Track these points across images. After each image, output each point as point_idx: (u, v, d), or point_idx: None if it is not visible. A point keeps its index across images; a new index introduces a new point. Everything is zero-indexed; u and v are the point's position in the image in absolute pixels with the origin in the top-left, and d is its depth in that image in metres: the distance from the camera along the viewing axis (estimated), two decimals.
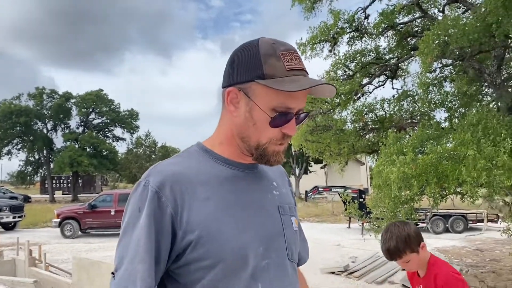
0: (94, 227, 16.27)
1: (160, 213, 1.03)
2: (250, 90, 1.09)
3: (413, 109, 7.95)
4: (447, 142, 5.52)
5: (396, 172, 4.73)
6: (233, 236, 1.06)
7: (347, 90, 7.72)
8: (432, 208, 5.39)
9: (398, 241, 2.36)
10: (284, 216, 1.20)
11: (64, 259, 10.70)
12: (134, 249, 1.01)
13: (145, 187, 1.05)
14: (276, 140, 1.11)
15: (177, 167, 1.10)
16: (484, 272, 9.52)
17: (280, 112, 1.07)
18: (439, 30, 5.64)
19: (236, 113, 1.12)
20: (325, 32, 7.78)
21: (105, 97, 40.53)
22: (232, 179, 1.13)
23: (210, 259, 1.03)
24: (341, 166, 10.13)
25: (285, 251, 1.16)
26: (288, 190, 1.32)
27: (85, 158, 35.63)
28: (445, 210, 16.20)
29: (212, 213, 1.05)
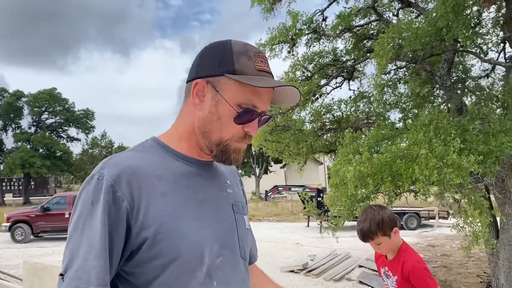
0: (47, 231, 15.68)
1: (115, 208, 0.98)
2: (218, 84, 1.09)
3: (369, 110, 8.16)
4: (401, 141, 5.69)
5: (352, 171, 4.84)
6: (190, 233, 1.04)
7: (305, 91, 7.82)
8: (387, 205, 5.55)
9: (372, 223, 2.50)
10: (238, 214, 1.20)
11: (15, 265, 10.26)
12: (87, 245, 0.96)
13: (99, 181, 1.00)
14: (238, 138, 1.11)
15: (133, 161, 1.06)
16: (436, 266, 9.93)
17: (245, 108, 1.08)
18: (393, 33, 5.81)
19: (200, 106, 1.11)
20: (284, 33, 7.85)
21: (58, 96, 39.15)
22: (189, 175, 1.12)
23: (166, 256, 1.01)
24: (300, 165, 10.24)
25: (238, 249, 1.17)
26: (239, 189, 1.33)
27: (38, 159, 34.30)
28: (400, 208, 16.73)
29: (169, 209, 1.03)
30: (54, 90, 39.04)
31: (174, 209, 1.04)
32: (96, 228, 0.96)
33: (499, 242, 6.33)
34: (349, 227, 16.65)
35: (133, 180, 1.02)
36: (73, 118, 39.89)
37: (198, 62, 1.13)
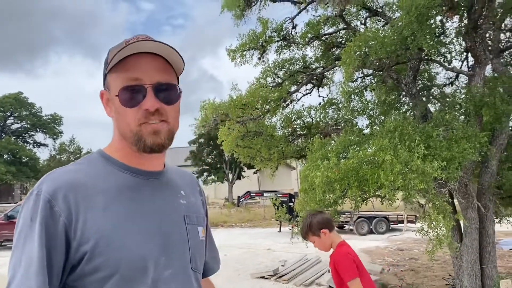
0: (11, 240, 15.15)
1: (53, 223, 0.98)
2: (107, 84, 1.11)
3: (338, 116, 8.29)
4: (368, 147, 5.80)
5: (320, 176, 4.90)
6: (131, 246, 1.03)
7: (276, 97, 7.88)
8: (354, 210, 5.64)
9: (304, 226, 3.17)
10: (190, 225, 1.18)
11: None
12: (27, 261, 0.95)
13: (38, 196, 0.99)
14: (140, 120, 1.06)
15: (73, 175, 1.05)
16: (404, 270, 10.13)
17: (122, 88, 1.06)
18: (360, 41, 5.94)
19: (112, 113, 1.13)
20: (254, 40, 7.91)
21: (25, 101, 38.10)
22: (135, 187, 1.10)
23: (105, 270, 0.99)
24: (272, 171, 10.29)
25: (189, 261, 1.15)
26: (198, 200, 1.30)
27: (2, 166, 33.26)
28: (369, 212, 17.00)
29: (109, 223, 1.02)
30: (20, 94, 37.97)
31: (116, 222, 1.03)
32: (34, 244, 0.96)
33: (463, 245, 6.52)
34: None
35: (70, 194, 1.00)
36: (40, 123, 38.87)
37: None
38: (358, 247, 13.94)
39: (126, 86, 1.06)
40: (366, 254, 12.75)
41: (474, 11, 6.29)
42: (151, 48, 1.07)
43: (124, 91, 1.06)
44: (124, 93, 1.06)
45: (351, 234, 17.17)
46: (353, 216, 16.87)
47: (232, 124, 8.47)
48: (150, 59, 1.08)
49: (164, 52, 1.09)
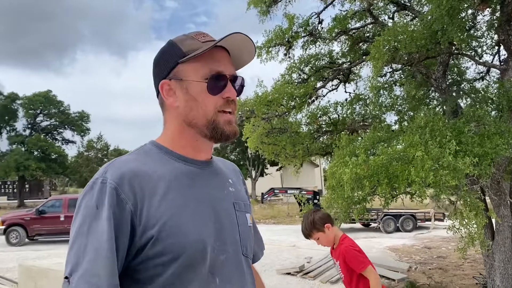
0: (43, 234, 15.61)
1: (119, 210, 1.00)
2: (178, 73, 1.15)
3: (365, 112, 8.19)
4: (397, 144, 5.71)
5: (348, 173, 4.84)
6: (192, 230, 1.06)
7: (301, 93, 7.83)
8: (383, 207, 5.56)
9: (307, 225, 3.25)
10: (239, 212, 1.22)
11: (10, 268, 10.20)
12: (94, 247, 0.97)
13: (103, 184, 1.02)
14: (221, 107, 1.13)
15: (134, 164, 1.08)
16: (432, 268, 9.96)
17: (212, 75, 1.12)
18: (389, 36, 5.84)
19: (177, 102, 1.16)
20: (280, 36, 7.87)
21: (54, 99, 38.99)
22: (189, 175, 1.14)
23: (169, 254, 1.02)
24: (296, 168, 10.26)
25: (240, 246, 1.18)
26: (242, 188, 1.35)
27: (33, 162, 34.13)
28: (396, 210, 16.78)
29: (170, 209, 1.05)
30: (49, 93, 38.88)
31: (176, 208, 1.06)
32: (102, 230, 0.98)
33: (495, 243, 6.36)
34: (346, 229, 16.67)
35: (135, 182, 1.04)
36: (68, 121, 39.73)
37: (155, 71, 1.20)
38: (385, 245, 13.79)
39: (214, 74, 1.12)
40: (392, 252, 12.59)
41: (507, 3, 6.11)
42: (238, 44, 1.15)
43: (212, 79, 1.12)
44: (212, 81, 1.12)
45: (378, 232, 16.99)
46: (380, 214, 16.67)
47: (257, 121, 8.47)
48: (224, 53, 1.16)
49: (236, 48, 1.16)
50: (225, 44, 1.14)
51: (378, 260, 10.17)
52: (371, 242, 14.52)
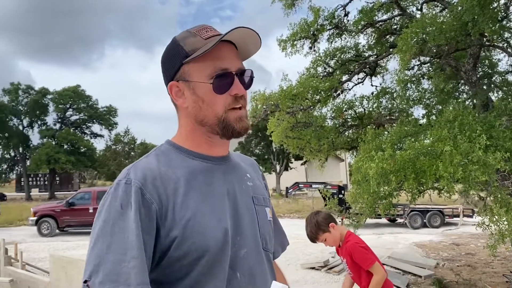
0: (72, 225, 16.02)
1: (145, 210, 1.01)
2: (184, 74, 1.14)
3: (392, 106, 8.06)
4: (425, 138, 5.61)
5: (374, 168, 4.78)
6: (214, 228, 1.06)
7: (327, 87, 7.77)
8: (410, 203, 5.48)
9: (311, 228, 3.22)
10: (258, 206, 1.22)
11: (41, 258, 10.52)
12: (121, 247, 0.96)
13: (128, 185, 1.02)
14: (230, 105, 1.12)
15: (154, 165, 1.10)
16: (460, 265, 9.75)
17: (216, 75, 1.10)
18: (417, 28, 5.72)
19: (186, 103, 1.15)
20: (305, 29, 7.81)
21: (82, 93, 39.81)
22: (207, 172, 1.14)
23: (194, 253, 1.03)
24: (321, 162, 10.19)
25: (260, 240, 1.18)
26: (261, 182, 1.34)
27: (63, 155, 34.98)
28: (423, 206, 16.48)
29: (191, 207, 1.05)
30: (78, 87, 39.72)
31: (197, 206, 1.06)
32: (130, 230, 0.97)
33: None
34: (371, 224, 16.49)
35: (158, 183, 1.05)
36: (97, 115, 40.51)
37: (162, 71, 1.20)
38: (411, 241, 13.58)
39: (219, 73, 1.10)
40: (419, 248, 12.39)
41: None
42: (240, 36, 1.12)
43: (217, 79, 1.10)
44: (217, 81, 1.10)
45: (404, 228, 16.74)
46: (406, 209, 16.41)
47: (281, 115, 8.45)
48: (229, 47, 1.13)
49: (240, 40, 1.13)
50: (229, 38, 1.11)
51: (405, 256, 10.03)
52: (397, 237, 14.31)
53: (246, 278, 1.11)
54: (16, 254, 8.18)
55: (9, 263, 7.87)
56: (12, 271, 7.41)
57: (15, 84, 37.99)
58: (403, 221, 17.24)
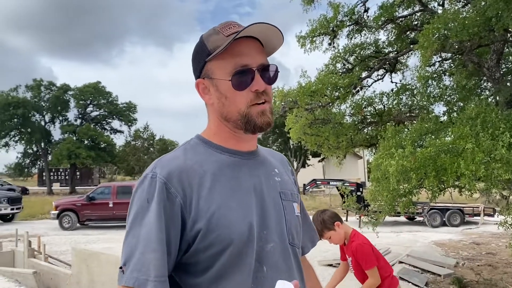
0: (93, 219, 16.30)
1: (170, 204, 1.04)
2: (208, 72, 1.16)
3: (412, 103, 7.96)
4: (446, 135, 5.53)
5: (394, 165, 4.74)
6: (239, 221, 1.08)
7: (346, 84, 7.72)
8: (430, 201, 5.41)
9: (317, 225, 3.21)
10: (286, 202, 1.22)
11: (63, 251, 10.73)
12: (145, 239, 1.01)
13: (153, 179, 1.07)
14: (252, 101, 1.13)
15: (181, 159, 1.13)
16: (480, 265, 9.60)
17: (235, 72, 1.12)
18: (439, 23, 5.63)
19: (211, 99, 1.18)
20: (325, 25, 7.76)
21: (103, 90, 40.40)
22: (234, 167, 1.16)
23: (218, 245, 1.05)
24: (339, 159, 10.13)
25: (286, 235, 1.19)
26: (290, 178, 1.34)
27: (83, 151, 35.58)
28: (442, 204, 16.26)
29: (217, 201, 1.08)
30: (98, 84, 40.30)
31: (223, 199, 1.09)
32: (152, 223, 1.02)
33: None
34: (389, 222, 16.35)
35: (182, 177, 1.08)
36: (117, 111, 41.04)
37: (192, 69, 1.22)
38: (430, 239, 13.42)
39: (238, 70, 1.11)
40: (438, 246, 12.24)
41: None
42: (260, 31, 1.12)
43: (236, 76, 1.12)
44: (236, 77, 1.12)
45: (422, 226, 16.55)
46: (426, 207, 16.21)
47: (300, 112, 8.42)
48: (251, 42, 1.14)
49: (262, 35, 1.14)
50: (248, 33, 1.11)
51: (423, 254, 9.93)
52: (416, 235, 14.16)
53: (272, 272, 1.12)
54: (39, 247, 8.38)
55: (33, 255, 8.07)
56: (36, 263, 7.60)
57: (37, 80, 38.78)
58: (422, 219, 17.05)
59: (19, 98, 36.76)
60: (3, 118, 35.90)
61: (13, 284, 6.59)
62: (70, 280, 6.23)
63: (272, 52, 1.21)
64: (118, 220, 16.22)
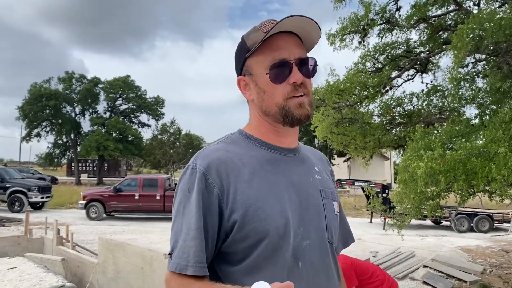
0: (119, 210, 16.62)
1: (208, 193, 1.08)
2: (247, 68, 1.20)
3: (443, 104, 7.78)
4: (477, 139, 5.39)
5: (423, 167, 4.65)
6: (276, 215, 1.09)
7: (375, 83, 7.61)
8: (459, 205, 5.29)
9: None
10: (326, 200, 1.23)
11: (89, 240, 10.98)
12: (186, 227, 1.07)
13: (193, 170, 1.11)
14: (290, 94, 1.15)
15: (221, 152, 1.16)
16: (509, 273, 9.34)
17: (272, 65, 1.14)
18: (474, 23, 5.48)
19: (252, 95, 1.22)
20: (355, 24, 7.67)
21: (132, 84, 41.07)
22: (274, 162, 1.18)
23: (253, 237, 1.07)
24: (366, 160, 10.01)
25: (325, 233, 1.19)
26: (329, 177, 1.35)
27: (111, 143, 36.28)
28: (470, 209, 15.88)
29: (254, 194, 1.10)
30: (128, 78, 40.97)
31: (259, 193, 1.11)
32: (192, 212, 1.08)
33: None
34: (414, 226, 16.07)
35: (221, 168, 1.11)
36: (145, 105, 41.65)
37: (235, 66, 1.26)
38: (456, 244, 13.13)
39: (275, 63, 1.14)
40: (465, 252, 11.96)
41: None
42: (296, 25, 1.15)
43: (273, 69, 1.14)
44: (274, 71, 1.14)
45: (448, 230, 16.21)
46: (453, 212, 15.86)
47: (327, 110, 8.36)
48: (288, 37, 1.16)
49: (299, 29, 1.16)
50: (284, 28, 1.13)
51: (449, 259, 9.72)
52: (442, 240, 13.87)
53: (308, 269, 1.13)
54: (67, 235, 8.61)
55: (61, 243, 8.29)
56: (64, 251, 7.81)
57: (69, 73, 39.74)
58: (449, 224, 16.70)
59: (51, 90, 37.77)
60: (36, 109, 36.96)
61: (41, 270, 6.79)
62: (96, 268, 6.38)
63: (312, 46, 1.23)
64: (144, 212, 16.50)
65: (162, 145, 37.08)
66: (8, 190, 18.16)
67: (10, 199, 18.09)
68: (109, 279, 6.07)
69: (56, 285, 5.91)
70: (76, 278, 6.89)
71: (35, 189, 18.55)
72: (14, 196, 18.12)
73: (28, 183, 18.95)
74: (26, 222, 9.31)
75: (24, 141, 40.54)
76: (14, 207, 17.96)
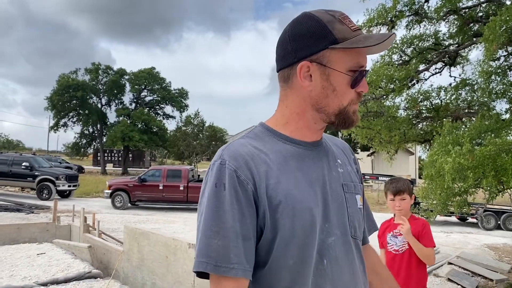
0: (143, 200, 16.89)
1: (242, 190, 1.05)
2: (324, 59, 1.11)
3: (472, 99, 7.59)
4: (507, 134, 5.25)
5: (451, 162, 4.55)
6: (304, 213, 1.08)
7: (402, 76, 7.47)
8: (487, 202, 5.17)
9: (405, 183, 3.29)
10: (348, 194, 1.21)
11: (114, 228, 11.20)
12: (216, 226, 1.03)
13: (222, 165, 1.06)
14: (353, 100, 1.15)
15: (248, 147, 1.12)
16: None
17: (355, 71, 1.12)
18: (507, 15, 5.31)
19: (311, 86, 1.14)
20: (383, 15, 7.53)
21: (157, 75, 41.52)
22: (298, 157, 1.15)
23: (283, 235, 1.05)
24: (391, 154, 9.87)
25: (348, 228, 1.17)
26: (353, 168, 1.32)
27: (136, 134, 36.85)
28: (498, 206, 15.50)
29: (283, 190, 1.07)
30: (153, 69, 41.44)
31: (288, 190, 1.08)
32: (224, 210, 1.03)
33: None
34: (439, 222, 15.81)
35: (251, 164, 1.07)
36: (169, 97, 42.06)
37: (290, 47, 1.14)
38: (483, 242, 12.85)
39: (358, 69, 1.13)
40: (491, 250, 11.70)
41: None
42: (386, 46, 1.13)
43: (355, 73, 1.12)
44: (355, 75, 1.13)
45: (475, 228, 15.88)
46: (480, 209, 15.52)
47: None
48: None
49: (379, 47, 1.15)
50: (378, 48, 1.12)
51: (475, 257, 9.53)
52: (467, 237, 13.61)
53: (332, 265, 1.11)
54: (93, 223, 8.81)
55: (87, 231, 8.49)
56: (90, 238, 8.00)
57: (95, 64, 40.46)
58: (475, 221, 16.36)
59: (79, 80, 38.55)
60: (63, 100, 37.82)
61: (69, 256, 6.98)
62: (121, 256, 6.52)
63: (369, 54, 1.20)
64: (167, 202, 16.72)
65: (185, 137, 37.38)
66: (37, 178, 18.68)
67: (39, 187, 18.60)
68: (134, 267, 6.19)
69: (83, 271, 6.06)
70: (102, 265, 7.05)
71: (63, 177, 19.02)
72: (43, 184, 18.63)
73: (56, 172, 19.43)
74: (54, 209, 9.56)
75: (52, 130, 41.62)
76: (43, 195, 18.46)
